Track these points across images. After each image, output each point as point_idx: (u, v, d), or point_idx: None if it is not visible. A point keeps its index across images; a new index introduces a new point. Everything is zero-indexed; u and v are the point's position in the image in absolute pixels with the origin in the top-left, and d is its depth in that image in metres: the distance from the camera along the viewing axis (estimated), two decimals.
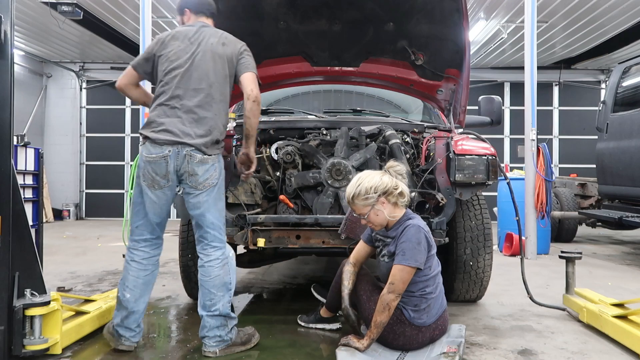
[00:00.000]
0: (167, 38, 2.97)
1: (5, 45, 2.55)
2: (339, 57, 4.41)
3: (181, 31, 2.99)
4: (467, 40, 3.94)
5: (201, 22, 3.05)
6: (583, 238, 8.46)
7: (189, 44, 2.92)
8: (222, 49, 2.92)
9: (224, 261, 2.90)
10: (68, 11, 8.02)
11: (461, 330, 2.95)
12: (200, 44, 2.91)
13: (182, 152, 2.79)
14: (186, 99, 2.84)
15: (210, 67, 2.89)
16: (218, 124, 2.90)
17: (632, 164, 6.06)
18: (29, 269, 2.65)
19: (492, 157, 3.43)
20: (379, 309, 2.64)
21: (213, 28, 3.06)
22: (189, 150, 2.79)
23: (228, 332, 2.89)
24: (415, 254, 2.64)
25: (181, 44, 2.92)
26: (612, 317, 3.12)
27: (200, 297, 2.90)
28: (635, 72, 6.60)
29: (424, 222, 2.82)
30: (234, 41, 3.00)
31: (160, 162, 2.82)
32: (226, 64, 2.92)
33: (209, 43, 2.92)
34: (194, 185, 2.83)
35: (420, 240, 2.67)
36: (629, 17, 8.70)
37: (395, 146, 3.61)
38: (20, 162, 4.87)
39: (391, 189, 2.76)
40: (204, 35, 2.95)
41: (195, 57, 2.89)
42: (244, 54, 2.97)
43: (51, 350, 2.72)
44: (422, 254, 2.66)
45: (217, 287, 2.87)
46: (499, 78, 12.42)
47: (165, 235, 3.12)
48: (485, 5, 8.56)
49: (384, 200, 2.76)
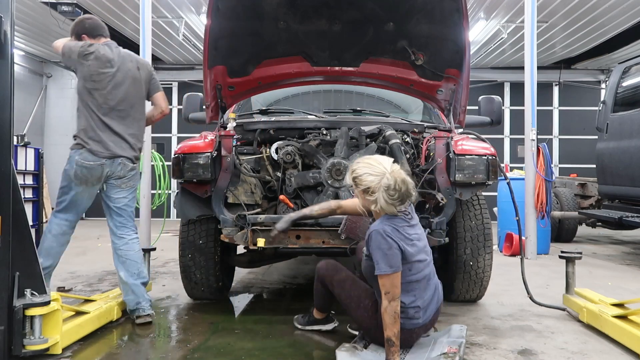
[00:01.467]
0: (90, 56, 3.34)
1: (5, 45, 2.55)
2: (339, 57, 4.40)
3: (101, 51, 3.38)
4: (467, 40, 3.94)
5: (110, 43, 3.47)
6: (583, 238, 8.46)
7: (110, 67, 3.36)
8: (138, 73, 3.42)
9: (138, 239, 3.58)
10: (68, 11, 8.02)
11: (462, 330, 2.95)
12: (119, 67, 3.38)
13: (117, 161, 3.36)
14: (114, 119, 3.36)
15: (131, 90, 3.41)
16: (140, 138, 3.52)
17: (632, 164, 6.06)
18: (29, 269, 2.66)
19: (492, 157, 3.43)
20: (389, 322, 2.55)
21: (124, 50, 3.49)
22: (123, 160, 3.38)
23: (148, 296, 3.52)
24: (389, 260, 2.56)
25: (102, 65, 3.35)
26: (612, 317, 3.13)
27: (128, 269, 3.43)
28: (635, 72, 6.60)
29: (390, 225, 2.63)
30: (145, 64, 3.55)
31: (97, 168, 3.35)
32: (142, 87, 3.47)
33: (127, 68, 3.39)
34: (119, 185, 3.43)
35: (390, 245, 2.57)
36: (629, 17, 8.69)
37: (395, 146, 3.61)
38: (20, 162, 4.88)
39: (373, 190, 2.63)
40: (122, 58, 3.41)
41: (116, 80, 3.37)
42: (153, 75, 3.52)
43: (51, 350, 2.72)
44: (396, 258, 2.57)
45: (140, 258, 3.51)
46: (499, 78, 12.42)
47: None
48: (485, 5, 8.55)
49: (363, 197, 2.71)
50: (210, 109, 4.25)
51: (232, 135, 3.54)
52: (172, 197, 4.87)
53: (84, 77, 3.33)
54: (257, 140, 3.77)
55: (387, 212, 2.65)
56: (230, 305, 4.02)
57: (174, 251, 3.99)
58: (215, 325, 3.45)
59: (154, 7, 7.78)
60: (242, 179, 3.57)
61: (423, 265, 2.73)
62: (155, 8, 8.09)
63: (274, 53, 4.29)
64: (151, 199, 6.21)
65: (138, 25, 7.07)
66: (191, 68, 12.40)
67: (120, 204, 3.46)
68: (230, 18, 3.82)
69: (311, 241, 3.37)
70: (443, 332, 3.00)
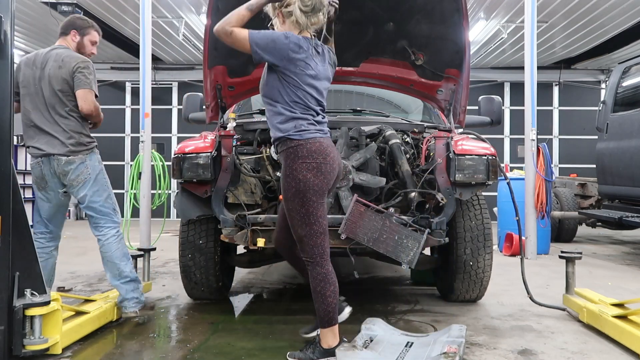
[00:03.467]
0: (21, 65, 3.43)
1: (5, 45, 2.55)
2: (339, 57, 4.40)
3: (30, 57, 3.46)
4: (467, 40, 3.94)
5: (55, 45, 3.51)
6: (583, 238, 8.46)
7: (35, 69, 3.38)
8: (58, 71, 3.35)
9: (119, 237, 3.47)
10: (68, 11, 8.02)
11: (462, 330, 2.95)
12: (44, 68, 3.37)
13: (52, 159, 3.33)
14: (42, 119, 3.34)
15: (50, 89, 3.35)
16: (71, 133, 3.38)
17: (632, 164, 6.06)
18: (29, 269, 2.66)
19: (492, 157, 3.43)
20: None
21: (60, 49, 3.46)
22: (56, 157, 3.32)
23: (141, 295, 3.48)
24: (269, 36, 2.61)
25: (29, 70, 3.39)
26: (612, 317, 3.12)
27: (109, 271, 3.45)
28: (635, 72, 6.60)
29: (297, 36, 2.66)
30: (69, 61, 3.38)
31: (36, 167, 3.38)
32: (63, 84, 3.35)
33: (49, 67, 3.36)
34: (70, 183, 3.36)
35: (286, 36, 2.60)
36: (629, 17, 8.70)
37: (395, 146, 3.61)
38: (20, 162, 4.88)
39: (289, 1, 2.64)
40: (47, 58, 3.39)
41: (41, 81, 3.36)
42: (77, 72, 3.36)
43: (51, 350, 2.72)
44: (279, 42, 2.58)
45: (120, 258, 3.42)
46: (499, 78, 12.43)
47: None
48: (485, 5, 8.56)
49: (279, 12, 2.69)
50: (210, 109, 4.25)
51: (232, 135, 3.54)
52: (172, 197, 4.87)
53: (17, 85, 3.37)
54: (257, 140, 3.77)
55: (301, 25, 2.65)
56: (230, 305, 4.02)
57: (174, 251, 3.99)
58: (215, 325, 3.45)
59: (154, 7, 7.78)
60: (242, 179, 3.56)
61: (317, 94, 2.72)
62: (155, 8, 8.09)
63: None
64: (151, 199, 6.21)
65: (138, 25, 7.08)
66: (191, 68, 12.41)
67: (85, 202, 3.40)
68: None
69: None
70: (443, 332, 3.00)
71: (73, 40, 3.52)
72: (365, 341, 2.87)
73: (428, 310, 3.81)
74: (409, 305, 3.96)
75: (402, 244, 3.20)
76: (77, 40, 3.52)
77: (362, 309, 3.76)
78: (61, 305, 2.83)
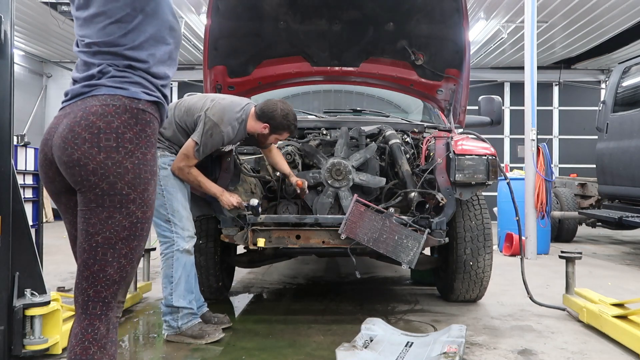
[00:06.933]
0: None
1: (5, 45, 2.55)
2: (339, 57, 4.40)
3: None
4: (467, 40, 3.94)
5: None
6: (583, 238, 8.46)
7: None
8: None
9: (167, 255, 3.14)
10: (68, 11, 8.02)
11: (462, 330, 2.94)
12: None
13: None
14: None
15: None
16: None
17: (632, 164, 6.06)
18: (29, 269, 2.65)
19: (492, 157, 3.43)
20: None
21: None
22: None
23: (176, 321, 3.13)
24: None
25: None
26: (612, 317, 3.12)
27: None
28: (635, 72, 6.59)
29: None
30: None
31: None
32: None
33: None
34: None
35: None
36: (629, 17, 8.69)
37: (395, 146, 3.61)
38: (20, 162, 4.87)
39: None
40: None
41: None
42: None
43: (51, 350, 2.72)
44: None
45: (162, 279, 3.17)
46: (499, 78, 12.42)
47: None
48: (485, 5, 8.55)
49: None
50: None
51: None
52: None
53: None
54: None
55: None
56: (230, 305, 4.01)
57: None
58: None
59: None
60: (242, 179, 3.56)
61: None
62: None
63: (274, 53, 4.30)
64: None
65: None
66: (191, 68, 12.39)
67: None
68: (230, 18, 3.82)
69: (311, 241, 3.36)
70: (443, 332, 3.00)
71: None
72: (365, 341, 2.87)
73: (428, 310, 3.81)
74: (409, 305, 3.96)
75: (402, 244, 3.20)
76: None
77: (362, 309, 3.77)
78: (61, 305, 2.83)
